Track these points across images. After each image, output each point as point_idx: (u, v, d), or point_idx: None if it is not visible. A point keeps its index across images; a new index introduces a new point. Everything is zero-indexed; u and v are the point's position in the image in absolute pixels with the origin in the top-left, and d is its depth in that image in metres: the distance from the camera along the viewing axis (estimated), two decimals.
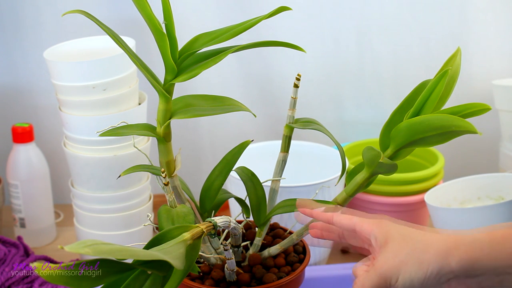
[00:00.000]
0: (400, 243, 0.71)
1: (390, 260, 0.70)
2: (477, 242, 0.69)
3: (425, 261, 0.69)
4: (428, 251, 0.70)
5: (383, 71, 1.39)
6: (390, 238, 0.72)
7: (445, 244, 0.70)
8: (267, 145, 1.24)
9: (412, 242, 0.71)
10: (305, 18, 1.34)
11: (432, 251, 0.69)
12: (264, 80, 1.39)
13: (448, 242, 0.70)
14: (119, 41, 0.77)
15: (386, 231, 0.73)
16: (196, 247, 0.70)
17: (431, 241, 0.70)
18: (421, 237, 0.71)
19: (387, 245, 0.72)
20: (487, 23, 1.36)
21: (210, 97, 0.83)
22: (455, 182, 1.18)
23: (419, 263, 0.69)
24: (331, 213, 0.77)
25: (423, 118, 0.74)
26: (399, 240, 0.71)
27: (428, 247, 0.70)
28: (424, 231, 0.72)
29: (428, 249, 0.70)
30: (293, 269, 0.87)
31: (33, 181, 1.23)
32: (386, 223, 0.74)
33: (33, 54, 1.32)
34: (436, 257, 0.69)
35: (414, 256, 0.70)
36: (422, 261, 0.69)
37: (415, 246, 0.70)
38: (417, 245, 0.70)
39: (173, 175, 0.83)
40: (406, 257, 0.70)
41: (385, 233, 0.72)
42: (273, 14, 0.76)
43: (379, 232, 0.73)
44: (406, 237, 0.71)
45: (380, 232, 0.73)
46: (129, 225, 1.15)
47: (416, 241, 0.71)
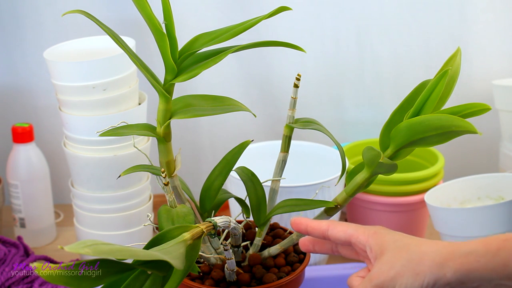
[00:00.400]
0: (395, 254, 0.70)
1: (386, 272, 0.70)
2: (472, 253, 0.69)
3: (421, 272, 0.69)
4: (423, 262, 0.69)
5: (383, 71, 1.39)
6: (385, 249, 0.71)
7: (440, 255, 0.69)
8: (267, 145, 1.24)
9: (407, 253, 0.70)
10: (305, 18, 1.34)
11: (428, 263, 0.69)
12: (264, 80, 1.39)
13: (443, 253, 0.69)
14: (119, 41, 0.77)
15: (382, 241, 0.72)
16: (196, 247, 0.70)
17: (426, 252, 0.70)
18: (417, 248, 0.71)
19: (382, 256, 0.71)
20: (487, 23, 1.36)
21: (210, 97, 0.82)
22: (455, 182, 1.18)
23: (415, 275, 0.69)
24: (325, 227, 0.77)
25: (423, 118, 0.74)
26: (394, 251, 0.71)
27: (424, 258, 0.69)
28: (419, 241, 0.72)
29: (423, 261, 0.69)
30: (293, 269, 0.87)
31: (33, 181, 1.23)
32: (382, 233, 0.73)
33: (33, 54, 1.32)
34: (432, 269, 0.69)
35: (410, 267, 0.69)
36: (417, 272, 0.69)
37: (411, 257, 0.70)
38: (412, 256, 0.70)
39: (173, 175, 0.83)
40: (401, 269, 0.69)
41: (380, 244, 0.72)
42: (273, 14, 0.76)
43: (374, 243, 0.72)
44: (402, 248, 0.71)
45: (375, 243, 0.72)
46: (129, 225, 1.15)
47: (412, 252, 0.70)
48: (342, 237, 0.76)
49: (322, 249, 0.81)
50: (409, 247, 0.71)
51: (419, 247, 0.71)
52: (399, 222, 1.20)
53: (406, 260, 0.70)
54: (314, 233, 0.78)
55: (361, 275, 0.75)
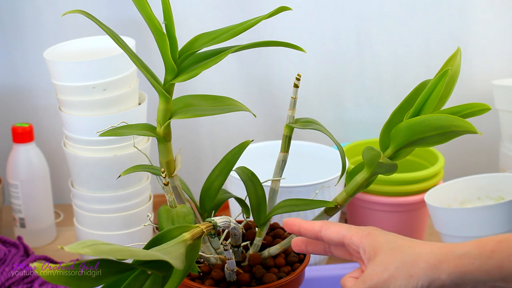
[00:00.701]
0: (389, 256, 0.70)
1: (379, 273, 0.69)
2: (466, 255, 0.69)
3: (415, 274, 0.69)
4: (417, 264, 0.69)
5: (383, 71, 1.39)
6: (379, 250, 0.71)
7: (435, 257, 0.69)
8: (267, 145, 1.24)
9: (401, 255, 0.70)
10: (305, 18, 1.34)
11: (422, 264, 0.69)
12: (264, 80, 1.39)
13: (437, 255, 0.69)
14: (119, 41, 0.77)
15: (375, 243, 0.72)
16: (196, 247, 0.70)
17: (420, 254, 0.69)
18: (411, 249, 0.70)
19: (376, 258, 0.71)
20: (487, 23, 1.36)
21: (210, 97, 0.82)
22: (455, 182, 1.18)
23: (409, 277, 0.69)
24: (318, 228, 0.76)
25: (423, 118, 0.74)
26: (388, 253, 0.70)
27: (418, 260, 0.69)
28: (413, 243, 0.71)
29: (417, 262, 0.69)
30: (293, 269, 0.87)
31: (33, 181, 1.23)
32: (375, 234, 0.73)
33: (33, 54, 1.32)
34: (426, 270, 0.68)
35: (404, 269, 0.69)
36: (411, 274, 0.69)
37: (405, 259, 0.69)
38: (406, 258, 0.69)
39: (173, 175, 0.83)
40: (395, 271, 0.69)
41: (374, 245, 0.72)
42: (273, 14, 0.76)
43: (368, 244, 0.72)
44: (395, 249, 0.71)
45: (369, 244, 0.72)
46: (129, 225, 1.15)
47: (406, 254, 0.70)
48: (335, 238, 0.75)
49: (314, 249, 0.80)
50: (403, 248, 0.71)
51: (413, 249, 0.70)
52: (399, 222, 1.20)
53: (400, 262, 0.69)
54: (307, 234, 0.78)
55: (354, 275, 0.75)
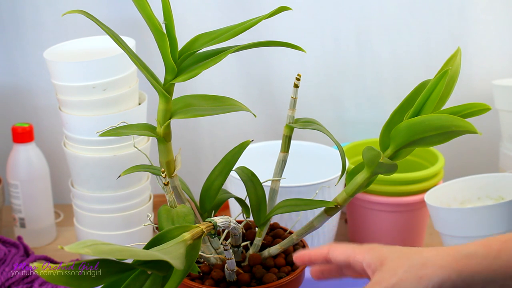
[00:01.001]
0: (397, 262, 0.70)
1: (388, 278, 0.69)
2: (473, 256, 0.69)
3: (424, 276, 0.68)
4: (427, 266, 0.69)
5: (383, 71, 1.39)
6: (385, 259, 0.71)
7: (442, 258, 0.69)
8: (267, 145, 1.24)
9: (409, 260, 0.70)
10: (305, 18, 1.34)
11: (431, 266, 0.69)
12: (264, 80, 1.39)
13: (445, 256, 0.69)
14: (119, 41, 0.77)
15: (380, 254, 0.72)
16: (196, 247, 0.70)
17: (428, 257, 0.70)
18: (417, 255, 0.70)
19: (382, 267, 0.70)
20: (487, 23, 1.36)
21: (210, 97, 0.82)
22: (455, 182, 1.18)
23: (418, 278, 0.68)
24: (326, 251, 0.76)
25: (423, 118, 0.74)
26: (395, 260, 0.70)
27: (427, 263, 0.69)
28: (418, 249, 0.72)
29: (426, 265, 0.69)
30: (293, 269, 0.87)
31: (33, 181, 1.23)
32: (378, 248, 0.73)
33: (33, 54, 1.32)
34: (436, 271, 0.68)
35: (413, 272, 0.69)
36: (421, 276, 0.68)
37: (413, 263, 0.69)
38: (414, 262, 0.69)
39: (173, 175, 0.83)
40: (404, 274, 0.69)
41: (378, 256, 0.72)
42: (273, 14, 0.76)
43: (371, 257, 0.72)
44: (402, 256, 0.71)
45: (372, 257, 0.72)
46: (129, 225, 1.15)
47: (413, 259, 0.70)
48: (342, 259, 0.75)
49: (330, 274, 0.80)
50: (409, 255, 0.71)
51: (420, 254, 0.71)
52: (399, 222, 1.20)
53: (408, 266, 0.69)
54: (317, 259, 0.77)
55: None
